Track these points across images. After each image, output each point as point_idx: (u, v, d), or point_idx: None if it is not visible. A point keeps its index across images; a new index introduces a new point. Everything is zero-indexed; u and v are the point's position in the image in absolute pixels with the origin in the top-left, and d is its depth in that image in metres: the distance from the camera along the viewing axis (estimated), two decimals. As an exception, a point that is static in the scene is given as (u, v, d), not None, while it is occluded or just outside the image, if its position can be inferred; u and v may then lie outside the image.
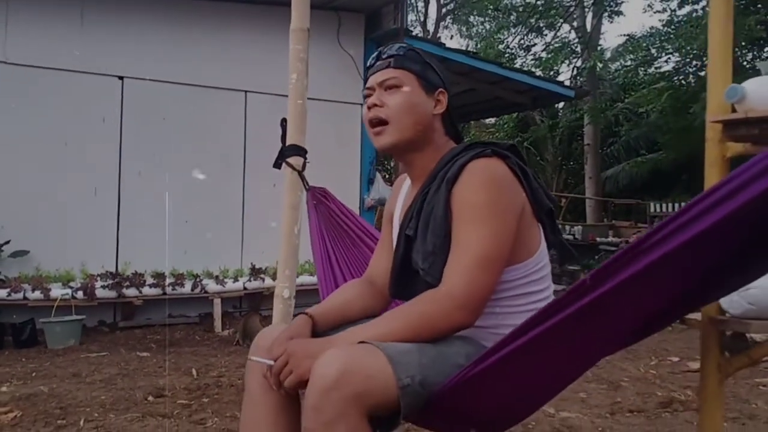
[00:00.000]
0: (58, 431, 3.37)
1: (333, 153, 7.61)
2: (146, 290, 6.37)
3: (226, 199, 7.14)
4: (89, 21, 6.49)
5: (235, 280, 6.80)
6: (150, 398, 3.98)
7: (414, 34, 8.04)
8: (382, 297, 1.86)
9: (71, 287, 6.07)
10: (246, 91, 7.20)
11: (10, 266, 6.07)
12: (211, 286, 6.64)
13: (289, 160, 2.91)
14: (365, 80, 1.80)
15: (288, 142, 2.95)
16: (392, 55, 1.73)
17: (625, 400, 4.32)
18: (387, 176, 8.51)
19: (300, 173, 2.87)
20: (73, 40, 6.43)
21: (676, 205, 12.99)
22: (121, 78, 6.68)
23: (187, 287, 6.55)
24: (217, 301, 6.57)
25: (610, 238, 15.74)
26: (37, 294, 5.88)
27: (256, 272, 6.91)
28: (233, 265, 7.02)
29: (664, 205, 13.43)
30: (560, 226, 1.81)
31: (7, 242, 6.03)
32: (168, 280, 6.53)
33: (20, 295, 5.85)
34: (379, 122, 1.70)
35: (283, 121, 2.99)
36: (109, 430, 3.38)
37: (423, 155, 1.73)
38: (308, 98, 8.15)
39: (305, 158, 2.95)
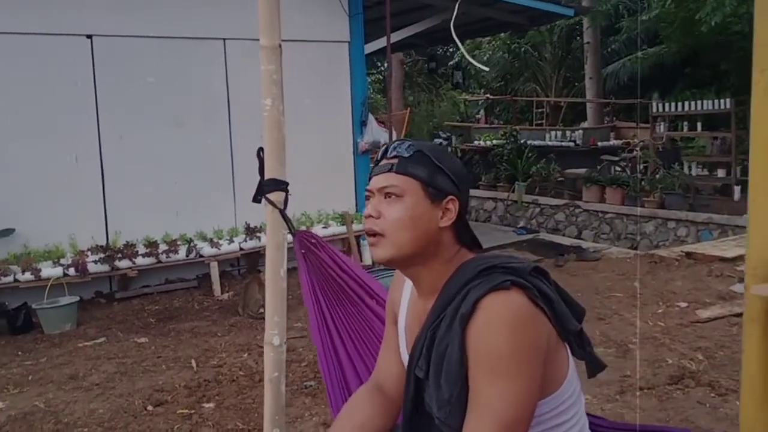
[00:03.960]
0: (57, 464, 3.30)
1: (322, 96, 7.25)
2: (139, 260, 6.21)
3: (214, 156, 6.83)
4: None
5: (231, 241, 6.61)
6: (149, 407, 3.88)
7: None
8: (394, 406, 1.69)
9: (62, 264, 5.90)
10: (224, 39, 6.74)
11: (-4, 247, 5.88)
12: (206, 249, 6.47)
13: (270, 196, 2.64)
14: (370, 177, 1.55)
15: (267, 176, 2.67)
16: (397, 157, 1.49)
17: (634, 373, 4.24)
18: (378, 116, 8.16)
19: (282, 212, 2.60)
20: (35, 1, 5.94)
21: (680, 104, 12.51)
22: (89, 37, 6.22)
23: (182, 253, 6.39)
24: (214, 264, 6.42)
25: (612, 141, 15.41)
26: (28, 275, 5.73)
27: (251, 231, 6.72)
28: (227, 224, 6.81)
29: (667, 105, 12.98)
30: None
31: (-10, 223, 5.81)
32: (161, 248, 6.34)
33: (11, 278, 5.70)
34: (375, 234, 1.48)
35: (260, 151, 2.70)
36: (108, 460, 3.30)
37: (428, 270, 1.51)
38: (293, 40, 7.64)
39: (287, 192, 2.68)
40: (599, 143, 14.91)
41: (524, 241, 8.76)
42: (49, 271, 5.79)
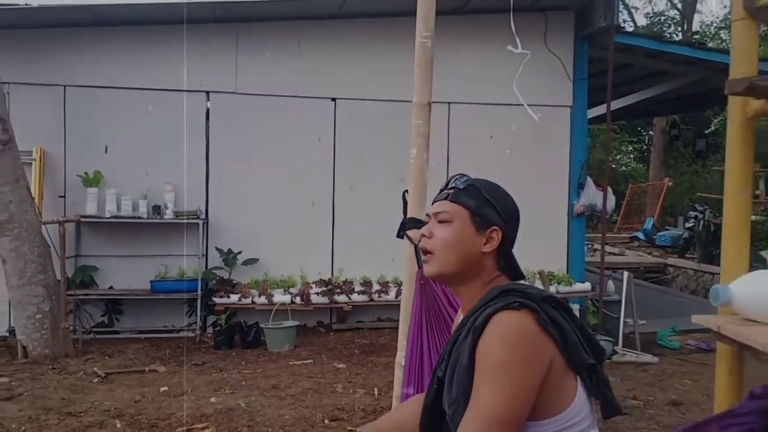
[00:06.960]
0: (239, 451, 3.91)
1: (540, 158, 7.46)
2: (355, 297, 6.89)
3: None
4: (305, 50, 7.09)
5: (437, 288, 7.04)
6: (326, 421, 4.38)
7: (624, 29, 7.36)
8: None
9: (291, 293, 6.79)
10: (449, 103, 7.32)
11: (243, 273, 6.96)
12: (414, 294, 6.96)
13: (409, 233, 3.01)
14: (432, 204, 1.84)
15: (409, 215, 3.05)
16: (454, 188, 1.76)
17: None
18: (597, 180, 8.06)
19: (416, 247, 2.96)
20: (292, 68, 7.08)
21: None
22: (333, 99, 7.22)
23: (392, 294, 6.95)
24: (421, 309, 6.87)
25: None
26: (263, 299, 6.68)
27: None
28: (438, 272, 7.25)
29: None
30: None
31: (239, 252, 6.91)
32: (375, 287, 6.98)
33: (249, 300, 6.69)
34: (426, 252, 1.77)
35: (405, 193, 3.10)
36: (277, 455, 3.83)
37: (469, 289, 1.74)
38: (513, 104, 7.96)
39: (424, 232, 3.03)
40: None
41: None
42: (279, 297, 6.71)
